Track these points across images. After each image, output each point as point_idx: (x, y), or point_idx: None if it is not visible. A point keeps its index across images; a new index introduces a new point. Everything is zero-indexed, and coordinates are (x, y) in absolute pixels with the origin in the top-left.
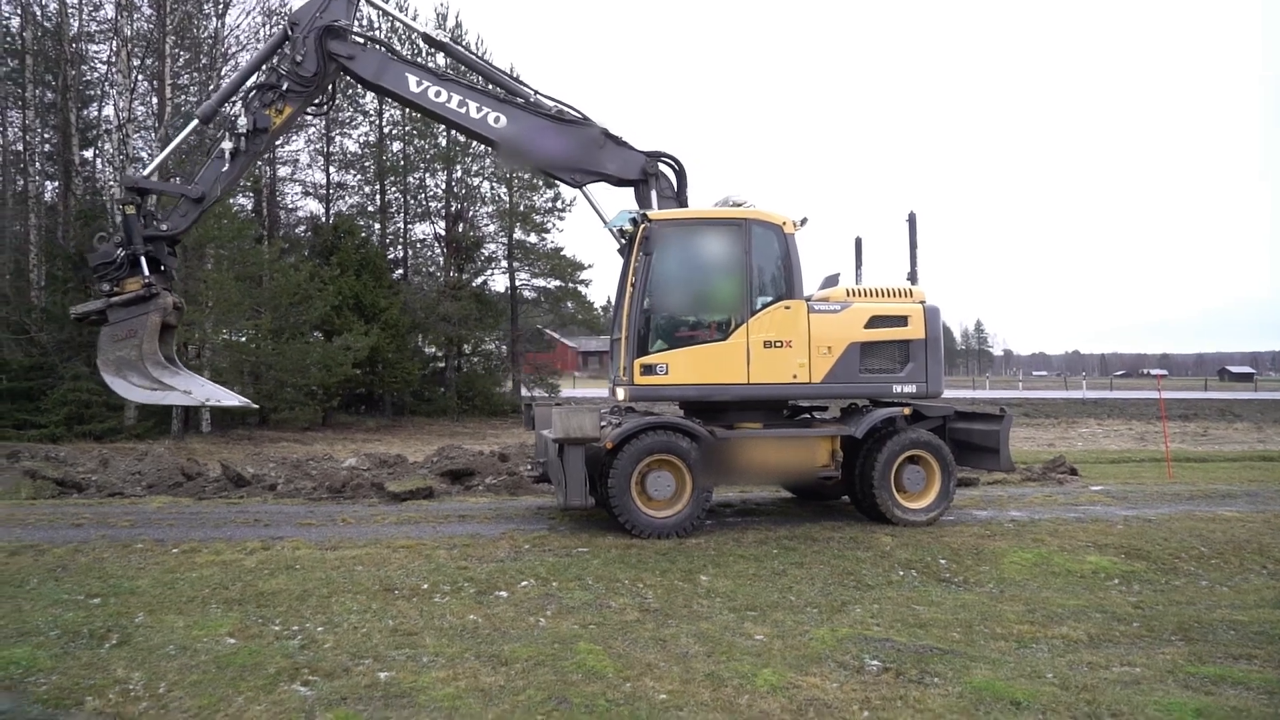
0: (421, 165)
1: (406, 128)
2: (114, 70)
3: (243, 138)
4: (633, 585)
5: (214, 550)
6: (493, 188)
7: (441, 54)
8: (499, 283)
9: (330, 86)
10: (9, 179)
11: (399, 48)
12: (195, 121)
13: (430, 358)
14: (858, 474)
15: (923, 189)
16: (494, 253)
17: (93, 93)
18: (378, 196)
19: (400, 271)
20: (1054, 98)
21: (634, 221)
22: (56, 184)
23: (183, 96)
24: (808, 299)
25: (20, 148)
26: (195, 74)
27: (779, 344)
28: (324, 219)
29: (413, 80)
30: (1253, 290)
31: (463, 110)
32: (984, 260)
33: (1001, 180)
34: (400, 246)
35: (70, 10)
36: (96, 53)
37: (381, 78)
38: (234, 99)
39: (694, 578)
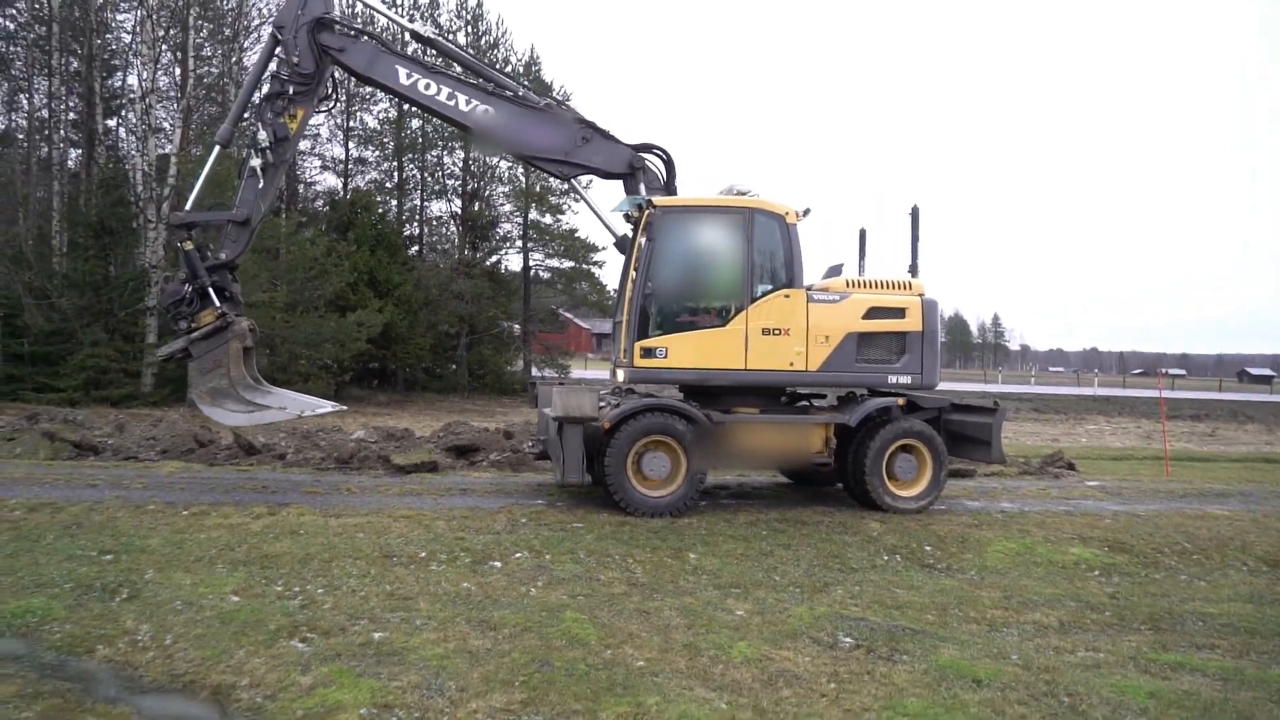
0: (440, 143)
1: None
2: (138, 40)
3: (267, 150)
4: (623, 560)
5: (222, 514)
6: (510, 167)
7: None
8: (513, 262)
9: (332, 81)
10: (33, 146)
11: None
12: (217, 148)
13: (443, 334)
14: (850, 461)
15: (946, 182)
16: (509, 232)
17: (117, 62)
18: (396, 173)
19: (415, 248)
20: (1087, 91)
21: (639, 207)
22: (80, 152)
23: (205, 67)
24: (808, 288)
25: (45, 115)
26: (218, 45)
27: (777, 332)
28: (342, 194)
29: (403, 73)
30: None
31: (451, 103)
32: (1005, 255)
33: (1027, 174)
34: (416, 223)
35: None
36: (121, 22)
37: (372, 70)
38: (245, 117)
39: (683, 555)
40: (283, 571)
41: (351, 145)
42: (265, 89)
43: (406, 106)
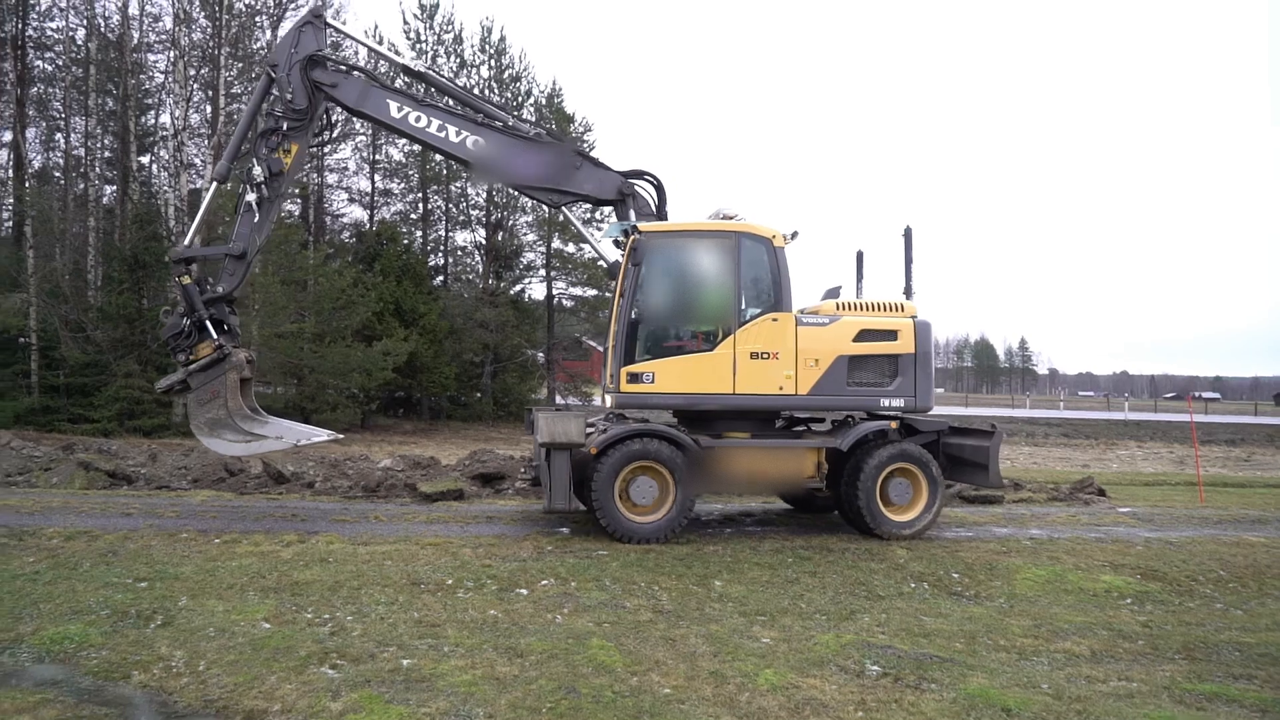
0: (463, 174)
1: None
2: (171, 79)
3: (262, 185)
4: (648, 588)
5: (253, 542)
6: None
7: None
8: (537, 291)
9: (325, 116)
10: (70, 183)
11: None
12: (214, 185)
13: (468, 363)
14: (844, 486)
15: (974, 205)
16: (532, 261)
17: (150, 101)
18: (421, 204)
19: (440, 278)
20: (1117, 108)
21: (625, 233)
22: (114, 188)
23: (235, 105)
24: (799, 312)
25: (82, 153)
26: (248, 84)
27: (766, 355)
28: (368, 226)
29: (393, 106)
30: None
31: (441, 134)
32: (1032, 278)
33: (1054, 195)
34: (441, 253)
35: (132, 21)
36: (155, 62)
37: (364, 104)
38: (241, 152)
39: (708, 582)
40: (313, 599)
41: (377, 178)
42: (261, 126)
43: None
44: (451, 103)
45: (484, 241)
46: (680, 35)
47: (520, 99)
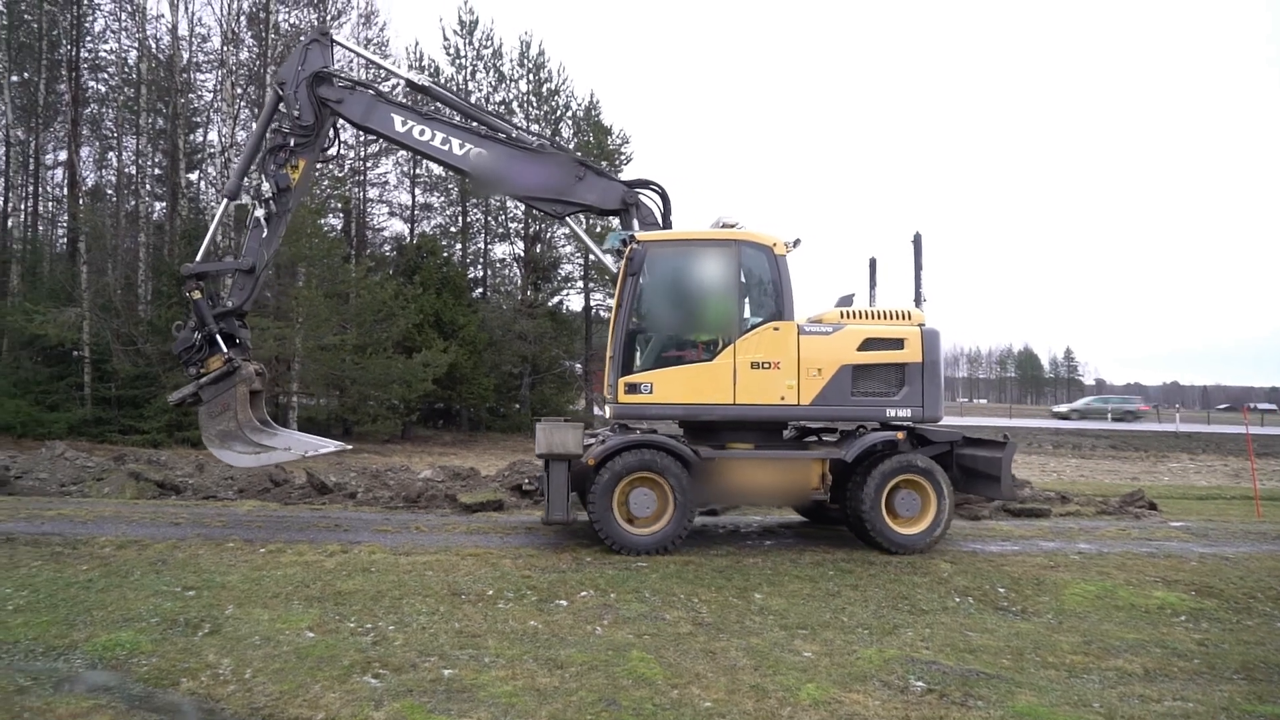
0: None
1: None
2: (219, 98)
3: (270, 201)
4: (688, 600)
5: (297, 551)
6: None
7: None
8: (575, 302)
9: (333, 131)
10: (122, 200)
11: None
12: (225, 201)
13: (507, 374)
14: (849, 497)
15: (1016, 214)
16: (570, 273)
17: (198, 119)
18: (460, 217)
19: (479, 290)
20: (1165, 111)
21: (624, 242)
22: (164, 204)
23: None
24: (808, 321)
25: (133, 171)
26: None
27: (767, 365)
28: (408, 239)
29: (398, 120)
30: None
31: (445, 147)
32: (1078, 287)
33: (1099, 204)
34: (480, 266)
35: (181, 42)
36: (203, 82)
37: (369, 119)
38: (252, 169)
39: (748, 595)
40: (355, 608)
41: (418, 192)
42: (270, 143)
43: None
44: (460, 117)
45: (522, 254)
46: (696, 40)
47: (559, 112)
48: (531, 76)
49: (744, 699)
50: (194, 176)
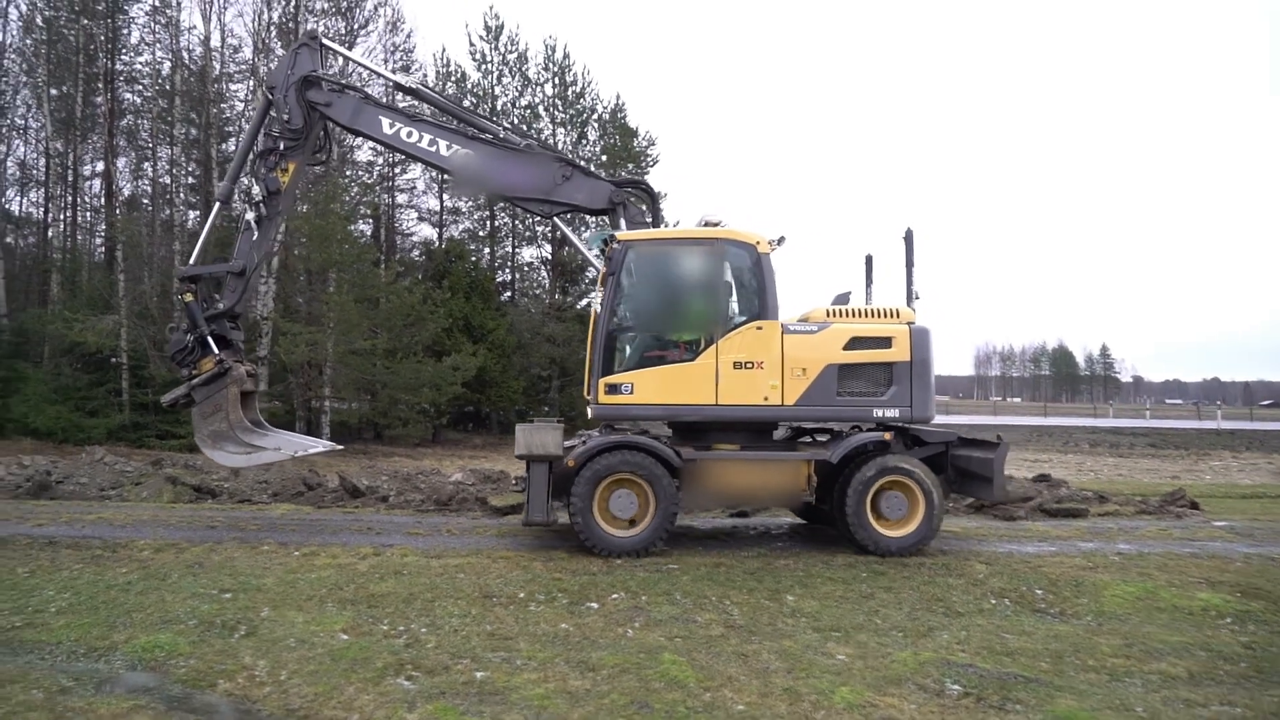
0: None
1: None
2: (251, 107)
3: (261, 204)
4: (719, 602)
5: (331, 554)
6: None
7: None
8: None
9: (323, 134)
10: (157, 209)
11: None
12: (218, 205)
13: (535, 377)
14: (835, 499)
15: (1047, 211)
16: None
17: (231, 129)
18: (488, 222)
19: (508, 294)
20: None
21: (605, 242)
22: (198, 213)
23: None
24: (797, 320)
25: (167, 180)
26: None
27: (750, 365)
28: (437, 243)
29: (385, 123)
30: None
31: (433, 149)
32: (1114, 282)
33: (1133, 199)
34: (508, 270)
35: (214, 53)
36: (235, 91)
37: (357, 122)
38: (243, 174)
39: (780, 597)
40: (388, 611)
41: (445, 197)
42: (260, 147)
43: None
44: (447, 118)
45: (550, 257)
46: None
47: (584, 115)
48: (557, 80)
49: (777, 702)
50: None
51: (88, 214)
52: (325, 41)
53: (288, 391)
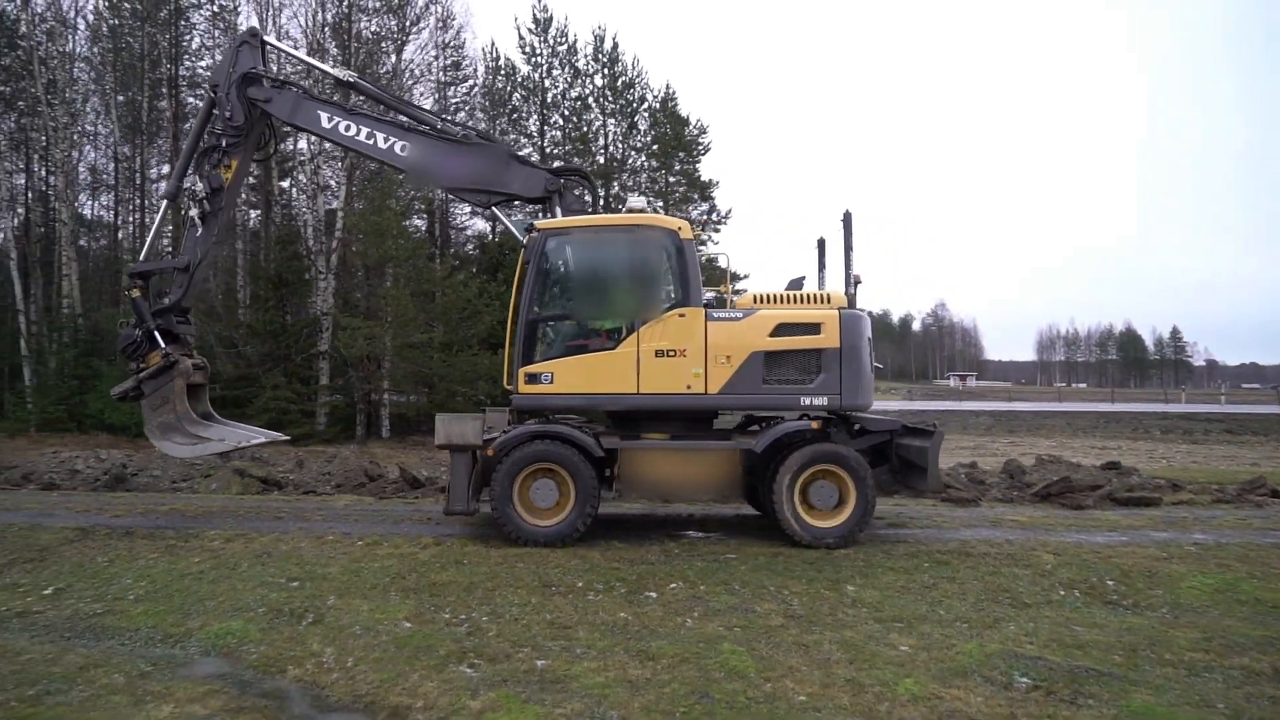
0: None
1: (566, 147)
2: None
3: (205, 201)
4: (778, 592)
5: (393, 544)
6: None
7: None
8: None
9: (268, 130)
10: None
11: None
12: (165, 203)
13: None
14: (763, 490)
15: (1113, 194)
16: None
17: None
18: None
19: None
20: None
21: (525, 230)
22: (258, 212)
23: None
24: (707, 306)
25: None
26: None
27: (672, 353)
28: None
29: (324, 117)
30: None
31: (370, 142)
32: (1183, 265)
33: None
34: None
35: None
36: None
37: (296, 117)
38: (189, 171)
39: (840, 587)
40: (450, 599)
41: None
42: (204, 145)
43: (548, 149)
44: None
45: None
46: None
47: (635, 105)
48: (606, 70)
49: (839, 693)
50: (285, 184)
51: (155, 216)
52: (266, 38)
53: (348, 385)
